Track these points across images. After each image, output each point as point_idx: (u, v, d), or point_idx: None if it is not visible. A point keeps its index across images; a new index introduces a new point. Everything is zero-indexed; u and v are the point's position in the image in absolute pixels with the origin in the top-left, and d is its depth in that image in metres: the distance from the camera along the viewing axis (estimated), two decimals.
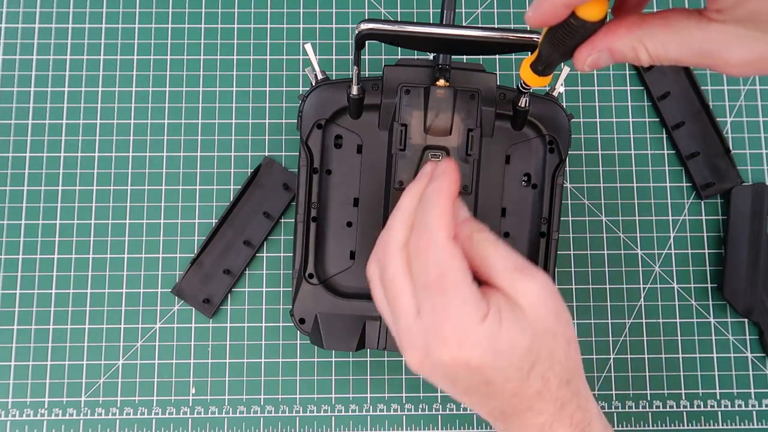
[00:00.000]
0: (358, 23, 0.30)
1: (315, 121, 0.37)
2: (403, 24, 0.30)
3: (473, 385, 0.28)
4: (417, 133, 0.35)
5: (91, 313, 0.43)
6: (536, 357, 0.27)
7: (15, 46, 0.46)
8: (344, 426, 0.43)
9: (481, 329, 0.26)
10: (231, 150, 0.45)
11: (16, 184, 0.44)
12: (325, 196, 0.38)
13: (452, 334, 0.26)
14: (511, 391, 0.28)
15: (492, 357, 0.26)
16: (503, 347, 0.26)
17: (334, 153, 0.38)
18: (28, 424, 0.42)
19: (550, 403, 0.29)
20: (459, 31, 0.30)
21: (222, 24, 0.46)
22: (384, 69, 0.36)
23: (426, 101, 0.34)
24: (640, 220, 0.45)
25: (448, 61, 0.36)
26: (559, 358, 0.28)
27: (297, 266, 0.38)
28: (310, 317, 0.37)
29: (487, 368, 0.27)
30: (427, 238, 0.27)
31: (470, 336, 0.26)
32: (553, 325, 0.28)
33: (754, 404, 0.43)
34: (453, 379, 0.28)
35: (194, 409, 0.43)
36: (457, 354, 0.26)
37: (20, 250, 0.44)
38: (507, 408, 0.29)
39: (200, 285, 0.43)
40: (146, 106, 0.45)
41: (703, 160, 0.45)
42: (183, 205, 0.44)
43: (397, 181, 0.35)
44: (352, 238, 0.38)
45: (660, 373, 0.43)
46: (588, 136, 0.46)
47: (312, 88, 0.37)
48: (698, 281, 0.45)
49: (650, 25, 0.23)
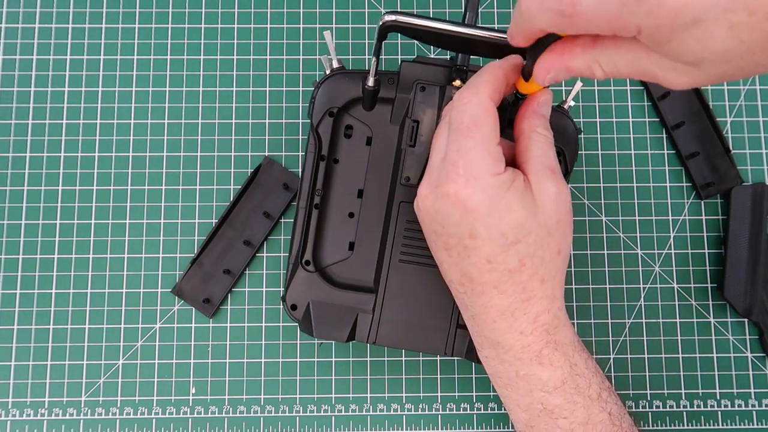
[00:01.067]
0: (383, 14, 0.31)
1: (327, 109, 0.37)
2: (428, 19, 0.31)
3: (458, 233, 0.29)
4: (428, 131, 0.35)
5: (91, 313, 0.43)
6: (523, 237, 0.29)
7: (15, 46, 0.46)
8: (344, 426, 0.43)
9: (491, 180, 0.29)
10: (231, 150, 0.45)
11: (16, 184, 0.44)
12: (330, 184, 0.38)
13: (464, 172, 0.28)
14: (488, 254, 0.29)
15: (488, 207, 0.28)
16: (500, 207, 0.28)
17: (343, 142, 0.38)
18: (28, 424, 0.42)
19: (517, 289, 0.30)
20: (482, 32, 0.31)
21: (222, 24, 0.46)
22: (401, 64, 0.36)
23: (441, 100, 0.34)
24: (640, 220, 0.45)
25: (466, 62, 0.36)
26: (542, 255, 0.30)
27: (294, 252, 0.37)
28: (302, 304, 0.37)
29: (479, 216, 0.28)
30: (470, 93, 0.29)
31: (479, 180, 0.28)
32: (552, 226, 0.30)
33: (754, 404, 0.43)
34: (444, 220, 0.29)
35: (194, 409, 0.43)
36: (461, 190, 0.28)
37: (20, 250, 0.44)
38: (476, 276, 0.30)
39: (200, 285, 0.43)
40: (146, 106, 0.45)
41: (703, 160, 0.45)
42: (183, 205, 0.44)
43: (404, 177, 0.35)
44: (353, 229, 0.38)
45: (660, 373, 0.43)
46: (588, 136, 0.46)
47: (328, 75, 0.37)
48: (698, 281, 0.45)
49: (602, 46, 0.25)
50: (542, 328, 0.31)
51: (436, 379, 0.43)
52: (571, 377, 0.31)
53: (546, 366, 0.31)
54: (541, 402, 0.31)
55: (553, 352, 0.31)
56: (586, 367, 0.32)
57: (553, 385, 0.31)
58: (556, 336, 0.31)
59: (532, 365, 0.31)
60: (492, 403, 0.43)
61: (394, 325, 0.36)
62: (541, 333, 0.31)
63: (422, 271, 0.36)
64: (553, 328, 0.31)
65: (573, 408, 0.31)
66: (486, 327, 0.31)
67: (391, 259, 0.36)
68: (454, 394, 0.43)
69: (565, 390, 0.31)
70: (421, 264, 0.36)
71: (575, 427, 0.31)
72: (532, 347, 0.31)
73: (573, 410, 0.31)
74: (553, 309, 0.31)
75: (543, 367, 0.31)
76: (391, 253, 0.36)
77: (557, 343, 0.31)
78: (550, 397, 0.31)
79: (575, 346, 0.32)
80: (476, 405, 0.43)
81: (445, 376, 0.43)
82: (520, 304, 0.30)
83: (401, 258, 0.36)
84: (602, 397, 0.32)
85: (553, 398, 0.31)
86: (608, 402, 0.32)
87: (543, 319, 0.31)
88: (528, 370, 0.31)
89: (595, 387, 0.32)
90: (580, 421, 0.31)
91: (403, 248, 0.36)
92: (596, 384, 0.32)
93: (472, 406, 0.43)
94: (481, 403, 0.43)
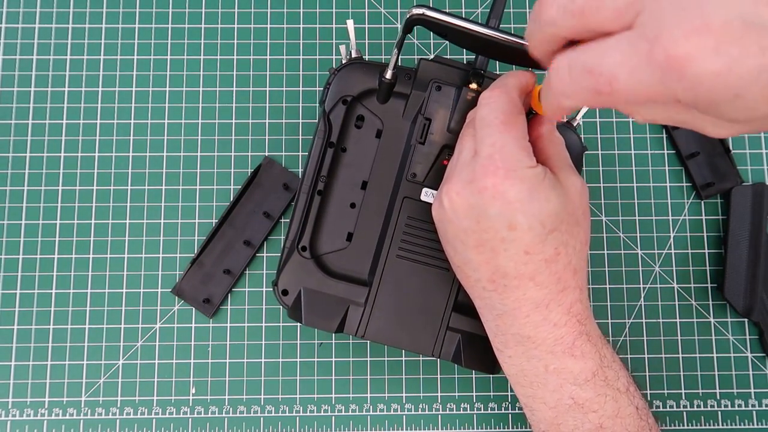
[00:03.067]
0: (411, 7, 0.31)
1: (341, 96, 0.37)
2: (456, 17, 0.31)
3: (495, 227, 0.29)
4: (439, 131, 0.35)
5: (91, 313, 0.43)
6: (559, 225, 0.29)
7: (15, 46, 0.46)
8: (344, 426, 0.43)
9: (528, 171, 0.29)
10: (231, 150, 0.45)
11: (16, 184, 0.44)
12: (335, 172, 0.38)
13: (503, 165, 0.28)
14: (528, 244, 0.29)
15: (528, 197, 0.28)
16: (539, 197, 0.29)
17: (353, 132, 0.38)
18: (28, 424, 0.42)
19: (552, 279, 0.30)
20: (508, 37, 0.31)
21: (222, 24, 0.46)
22: (420, 61, 0.36)
23: (455, 102, 0.34)
24: (640, 220, 0.45)
25: (485, 66, 0.36)
26: (573, 244, 0.30)
27: (292, 236, 0.37)
28: (294, 290, 0.37)
29: (519, 206, 0.28)
30: (500, 90, 0.30)
31: (518, 171, 0.29)
32: (579, 216, 0.31)
33: (754, 404, 0.43)
34: (480, 215, 0.29)
35: (194, 409, 0.43)
36: (501, 181, 0.28)
37: (20, 250, 0.44)
38: (512, 269, 0.30)
39: (200, 285, 0.43)
40: (146, 106, 0.45)
41: (703, 160, 0.45)
42: (183, 205, 0.44)
43: (411, 173, 0.35)
44: (353, 219, 0.37)
45: (660, 373, 0.43)
46: (588, 136, 0.46)
47: (346, 63, 0.37)
48: (698, 281, 0.45)
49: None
50: (575, 318, 0.31)
51: (436, 379, 0.43)
52: (601, 369, 0.31)
53: (578, 358, 0.30)
54: (571, 396, 0.31)
55: (585, 343, 0.31)
56: (613, 360, 0.32)
57: (584, 377, 0.30)
58: (588, 327, 0.31)
59: (564, 358, 0.30)
60: (492, 403, 0.43)
61: (384, 320, 0.36)
62: (574, 324, 0.30)
63: (419, 269, 0.36)
64: (585, 319, 0.31)
65: (603, 401, 0.31)
66: (516, 323, 0.31)
67: (389, 254, 0.36)
68: (454, 394, 0.43)
69: (595, 382, 0.30)
70: (419, 262, 0.36)
71: (604, 420, 0.31)
72: (565, 339, 0.30)
73: (603, 403, 0.31)
74: (583, 299, 0.31)
75: (575, 360, 0.30)
76: (389, 247, 0.36)
77: (589, 334, 0.31)
78: (580, 390, 0.30)
79: (602, 338, 0.32)
80: (476, 405, 0.43)
81: (445, 376, 0.43)
82: (555, 296, 0.30)
83: (399, 254, 0.36)
84: (630, 390, 0.31)
85: (583, 391, 0.30)
86: (635, 396, 0.32)
87: (576, 309, 0.31)
88: (559, 363, 0.31)
89: (623, 380, 0.31)
90: (610, 414, 0.31)
91: (402, 244, 0.36)
92: (624, 377, 0.32)
93: (472, 406, 0.43)
94: (481, 403, 0.43)
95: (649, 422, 0.32)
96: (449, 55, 0.46)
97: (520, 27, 0.47)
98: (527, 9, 0.47)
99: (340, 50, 0.38)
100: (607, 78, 0.21)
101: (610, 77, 0.21)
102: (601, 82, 0.21)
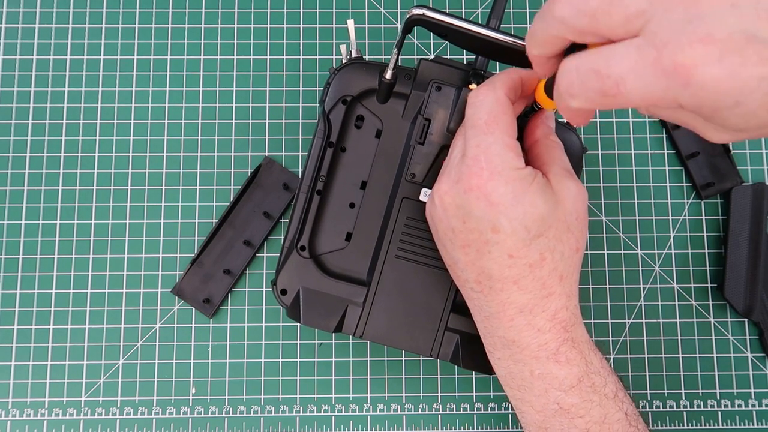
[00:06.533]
0: (411, 7, 0.31)
1: (341, 96, 0.37)
2: (456, 18, 0.31)
3: (480, 228, 0.29)
4: (438, 131, 0.35)
5: (91, 313, 0.43)
6: (545, 231, 0.29)
7: (15, 46, 0.46)
8: (344, 426, 0.43)
9: (514, 173, 0.29)
10: (231, 150, 0.45)
11: (16, 184, 0.44)
12: (334, 172, 0.38)
13: (487, 166, 0.29)
14: (511, 248, 0.29)
15: (512, 201, 0.28)
16: (524, 200, 0.29)
17: (353, 132, 0.38)
18: (28, 424, 0.42)
19: (537, 285, 0.30)
20: (508, 38, 0.31)
21: (222, 24, 0.46)
22: (420, 61, 0.36)
23: (455, 102, 0.34)
24: (640, 220, 0.45)
25: (485, 67, 0.36)
26: (561, 250, 0.30)
27: (291, 236, 0.37)
28: (293, 290, 0.37)
29: (503, 209, 0.28)
30: (486, 89, 0.30)
31: (503, 174, 0.29)
32: (572, 222, 0.30)
33: (754, 404, 0.43)
34: (466, 215, 0.29)
35: (194, 409, 0.43)
36: (485, 182, 0.28)
37: (20, 250, 0.44)
38: (496, 272, 0.30)
39: (200, 285, 0.43)
40: (146, 106, 0.45)
41: (703, 160, 0.45)
42: (183, 205, 0.44)
43: (410, 173, 0.35)
44: (352, 219, 0.37)
45: (660, 373, 0.43)
46: (588, 136, 0.46)
47: (346, 63, 0.37)
48: (698, 281, 0.45)
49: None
50: (560, 325, 0.30)
51: (436, 379, 0.43)
52: (587, 375, 0.31)
53: (563, 364, 0.30)
54: (557, 401, 0.31)
55: (570, 350, 0.30)
56: (601, 366, 0.32)
57: (569, 383, 0.30)
58: (573, 333, 0.31)
59: (548, 363, 0.30)
60: (492, 403, 0.43)
61: (382, 321, 0.36)
62: (558, 330, 0.30)
63: (417, 269, 0.36)
64: (571, 326, 0.31)
65: (589, 407, 0.30)
66: (502, 326, 0.31)
67: (388, 254, 0.36)
68: (454, 394, 0.43)
69: (581, 388, 0.30)
70: (417, 262, 0.36)
71: (591, 426, 0.31)
72: (549, 345, 0.30)
73: (589, 409, 0.30)
74: (570, 306, 0.31)
75: (560, 365, 0.30)
76: (388, 247, 0.36)
77: (574, 341, 0.31)
78: (566, 396, 0.30)
79: (590, 345, 0.32)
80: (476, 405, 0.43)
81: (445, 376, 0.43)
82: (539, 301, 0.30)
83: (398, 254, 0.36)
84: (618, 396, 0.31)
85: (569, 397, 0.30)
86: (624, 402, 0.31)
87: (561, 316, 0.30)
88: (544, 368, 0.31)
89: (611, 386, 0.31)
90: (597, 420, 0.31)
91: (401, 244, 0.36)
92: (612, 383, 0.31)
93: (472, 406, 0.43)
94: (481, 403, 0.43)
95: (639, 428, 0.31)
96: (449, 55, 0.46)
97: (520, 27, 0.47)
98: (527, 9, 0.47)
99: (340, 50, 0.38)
100: (615, 80, 0.22)
101: (618, 80, 0.21)
102: (608, 84, 0.22)
